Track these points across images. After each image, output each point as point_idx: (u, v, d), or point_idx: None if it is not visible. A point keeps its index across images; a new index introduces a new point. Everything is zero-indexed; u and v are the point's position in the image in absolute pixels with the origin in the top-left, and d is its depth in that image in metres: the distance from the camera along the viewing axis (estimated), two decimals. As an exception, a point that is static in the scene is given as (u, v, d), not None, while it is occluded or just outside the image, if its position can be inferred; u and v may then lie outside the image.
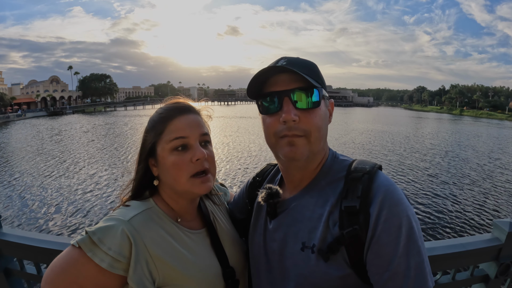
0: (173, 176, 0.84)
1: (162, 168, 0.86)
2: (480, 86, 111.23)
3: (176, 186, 0.85)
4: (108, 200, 10.49)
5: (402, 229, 0.70)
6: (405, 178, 13.52)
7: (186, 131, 0.85)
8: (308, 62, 0.83)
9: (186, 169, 0.83)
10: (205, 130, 0.90)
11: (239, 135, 25.98)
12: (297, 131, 0.77)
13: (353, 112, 79.44)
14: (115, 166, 15.18)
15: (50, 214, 9.42)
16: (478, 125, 52.11)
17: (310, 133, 0.78)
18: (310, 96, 0.78)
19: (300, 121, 0.77)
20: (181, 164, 0.83)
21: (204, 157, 0.85)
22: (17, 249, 1.31)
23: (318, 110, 0.79)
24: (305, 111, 0.78)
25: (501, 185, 13.04)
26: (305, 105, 0.77)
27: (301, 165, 0.83)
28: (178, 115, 0.87)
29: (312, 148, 0.79)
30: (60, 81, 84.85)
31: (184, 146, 0.85)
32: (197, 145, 0.86)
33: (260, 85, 0.83)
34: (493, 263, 1.34)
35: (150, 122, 0.90)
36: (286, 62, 0.79)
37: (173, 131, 0.85)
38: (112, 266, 0.74)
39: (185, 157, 0.84)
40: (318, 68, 0.84)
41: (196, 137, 0.87)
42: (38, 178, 13.33)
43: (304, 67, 0.80)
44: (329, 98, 0.88)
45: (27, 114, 56.53)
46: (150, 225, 0.82)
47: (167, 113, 0.88)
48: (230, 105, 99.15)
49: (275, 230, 0.87)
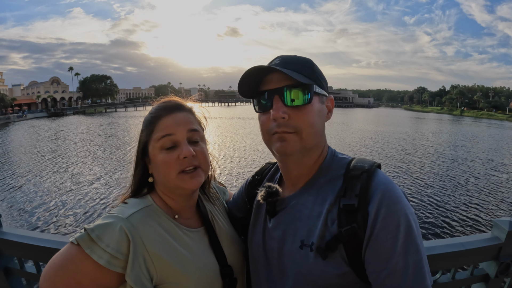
0: (163, 173, 0.86)
1: (154, 166, 0.89)
2: (481, 87, 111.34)
3: (167, 182, 0.87)
4: (108, 198, 10.50)
5: (401, 227, 0.70)
6: (404, 176, 13.51)
7: (173, 129, 0.87)
8: (303, 59, 0.84)
9: (174, 167, 0.85)
10: (193, 127, 0.90)
11: (239, 136, 26.00)
12: (287, 128, 0.78)
13: (354, 113, 79.44)
14: (114, 166, 15.19)
15: (50, 214, 9.42)
16: (479, 125, 52.07)
17: (301, 129, 0.78)
18: (301, 93, 0.78)
19: (290, 118, 0.78)
20: (169, 162, 0.85)
21: (191, 154, 0.86)
22: (17, 248, 1.31)
23: (309, 107, 0.79)
24: (295, 108, 0.78)
25: (501, 184, 13.02)
26: (296, 102, 0.78)
27: (295, 160, 0.83)
28: (166, 113, 0.89)
29: (304, 143, 0.80)
30: (60, 82, 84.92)
31: (172, 143, 0.86)
32: (185, 142, 0.87)
33: (256, 84, 0.84)
34: (493, 262, 1.34)
35: (143, 122, 0.93)
36: (279, 61, 0.81)
37: (161, 129, 0.87)
38: (110, 263, 0.74)
39: (173, 155, 0.85)
40: (314, 64, 0.85)
41: (184, 134, 0.87)
42: (38, 178, 13.34)
43: (297, 65, 0.80)
44: (328, 95, 0.88)
45: (27, 115, 56.69)
46: (148, 222, 0.82)
47: (157, 113, 0.90)
48: (231, 106, 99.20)
49: (274, 229, 0.87)
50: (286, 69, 0.77)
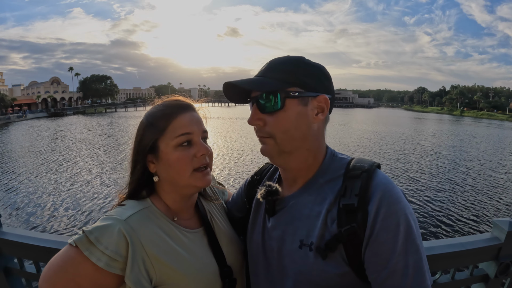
0: (177, 170, 0.86)
1: (164, 164, 0.87)
2: (481, 87, 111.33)
3: (179, 180, 0.87)
4: (107, 198, 10.50)
5: (400, 227, 0.70)
6: (404, 176, 13.52)
7: (191, 128, 0.88)
8: (288, 61, 0.82)
9: (191, 164, 0.86)
10: (205, 128, 0.93)
11: (239, 137, 25.99)
12: (262, 134, 0.82)
13: (354, 113, 79.45)
14: (114, 166, 15.19)
15: (50, 214, 9.43)
16: (479, 125, 52.06)
17: (275, 135, 0.80)
18: (273, 100, 0.79)
19: (265, 124, 0.81)
20: (185, 159, 0.85)
21: (208, 152, 0.88)
22: (17, 248, 1.31)
23: (281, 113, 0.79)
24: (269, 114, 0.80)
25: (501, 184, 13.03)
26: (268, 109, 0.80)
27: (280, 162, 0.86)
28: (182, 112, 0.89)
29: (281, 148, 0.81)
30: (60, 82, 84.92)
31: (188, 142, 0.87)
32: (201, 141, 0.89)
33: (246, 92, 0.86)
34: (493, 263, 1.33)
35: (149, 118, 0.90)
36: (265, 66, 0.83)
37: (178, 127, 0.87)
38: (109, 265, 0.74)
39: (190, 152, 0.86)
40: (302, 64, 0.81)
41: (199, 133, 0.89)
42: (38, 178, 13.34)
43: (277, 70, 0.80)
44: (318, 94, 0.81)
45: (27, 115, 56.70)
46: (147, 224, 0.82)
47: (170, 110, 0.89)
48: (231, 106, 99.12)
49: (273, 228, 0.87)
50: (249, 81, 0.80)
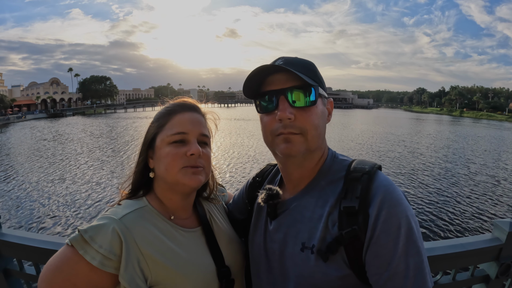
0: (165, 165, 0.86)
1: (158, 158, 0.88)
2: (480, 87, 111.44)
3: (167, 176, 0.86)
4: (107, 199, 10.48)
5: (401, 229, 0.70)
6: (404, 178, 13.52)
7: (187, 127, 0.88)
8: (305, 61, 0.84)
9: (180, 161, 0.85)
10: (205, 131, 0.92)
11: (239, 137, 26.01)
12: (293, 129, 0.78)
13: (353, 114, 79.54)
14: (114, 166, 15.18)
15: (50, 215, 9.41)
16: (478, 126, 52.14)
17: (307, 131, 0.78)
18: (307, 95, 0.78)
19: (296, 119, 0.78)
20: (174, 156, 0.85)
21: (199, 153, 0.87)
22: (17, 250, 1.31)
23: (314, 108, 0.79)
24: (301, 109, 0.78)
25: (502, 185, 13.04)
26: (301, 103, 0.78)
27: (298, 162, 0.83)
28: (182, 110, 0.91)
29: (309, 145, 0.80)
30: (60, 83, 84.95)
31: (182, 140, 0.87)
32: (194, 141, 0.88)
33: (258, 84, 0.84)
34: (494, 263, 1.33)
35: (157, 114, 0.94)
36: (283, 61, 0.81)
37: (175, 125, 0.88)
38: (103, 264, 0.74)
39: (180, 150, 0.86)
40: (316, 67, 0.85)
41: (196, 135, 0.89)
42: (38, 179, 13.32)
43: (301, 66, 0.80)
44: (328, 97, 0.88)
45: (27, 116, 56.74)
46: (141, 223, 0.82)
47: (172, 108, 0.92)
48: (231, 107, 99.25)
49: (275, 231, 0.87)
50: (298, 71, 0.77)
